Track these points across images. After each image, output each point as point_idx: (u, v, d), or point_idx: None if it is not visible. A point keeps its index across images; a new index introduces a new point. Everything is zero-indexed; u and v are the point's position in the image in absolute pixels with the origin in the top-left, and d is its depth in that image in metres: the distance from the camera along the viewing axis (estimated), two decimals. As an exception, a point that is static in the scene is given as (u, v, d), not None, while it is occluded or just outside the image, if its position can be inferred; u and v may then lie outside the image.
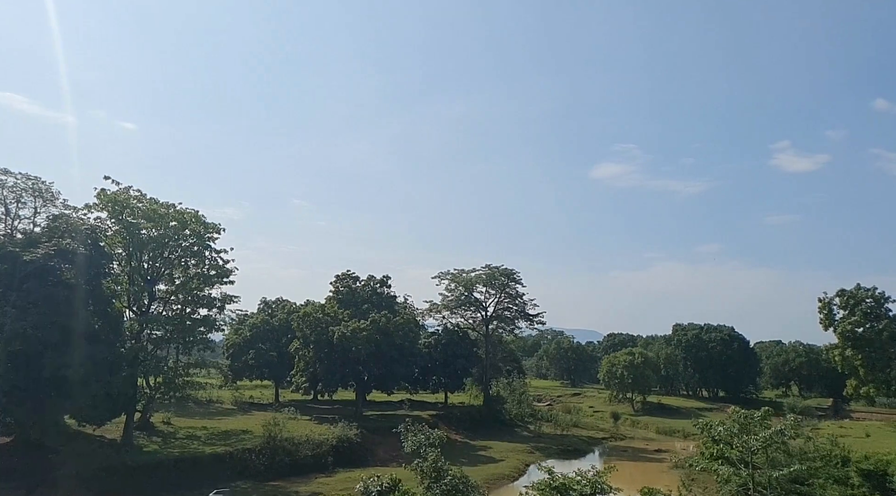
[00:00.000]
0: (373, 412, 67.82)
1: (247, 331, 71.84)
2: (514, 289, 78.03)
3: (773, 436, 23.55)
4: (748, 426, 24.12)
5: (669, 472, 51.41)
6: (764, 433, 23.26)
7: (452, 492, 23.26)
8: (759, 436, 23.16)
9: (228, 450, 43.90)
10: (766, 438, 23.16)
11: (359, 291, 65.51)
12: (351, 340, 57.50)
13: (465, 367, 73.09)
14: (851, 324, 60.63)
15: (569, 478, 24.71)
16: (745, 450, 23.13)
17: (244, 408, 65.92)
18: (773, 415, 26.78)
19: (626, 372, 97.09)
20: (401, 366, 62.55)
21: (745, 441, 23.19)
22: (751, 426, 24.01)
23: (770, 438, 23.29)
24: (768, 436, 23.23)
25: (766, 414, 25.58)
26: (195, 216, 45.65)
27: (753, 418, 24.69)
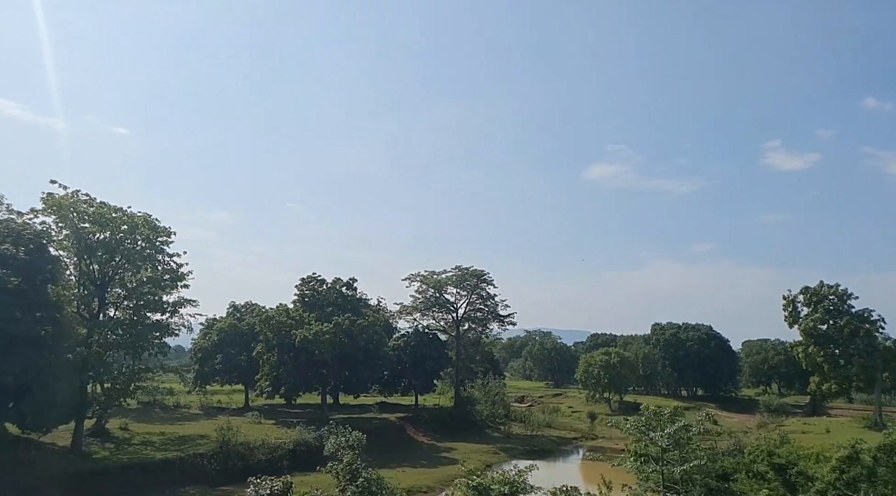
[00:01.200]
0: (342, 415, 67.66)
1: (215, 335, 71.42)
2: (485, 290, 77.94)
3: (678, 431, 23.66)
4: (654, 423, 24.24)
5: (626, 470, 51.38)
6: (669, 429, 23.35)
7: (364, 493, 23.18)
8: (664, 433, 23.26)
9: (179, 456, 43.55)
10: (671, 435, 23.25)
11: (324, 294, 65.23)
12: (313, 343, 57.25)
13: (435, 369, 72.94)
14: (814, 320, 60.88)
15: (488, 478, 24.65)
16: (654, 446, 23.27)
17: (210, 413, 65.47)
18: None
19: (602, 372, 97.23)
20: (366, 368, 62.35)
21: (652, 438, 23.35)
22: (660, 423, 24.09)
23: (675, 434, 23.40)
24: (672, 432, 23.33)
25: (676, 410, 25.63)
26: (146, 220, 45.31)
27: (662, 415, 24.79)
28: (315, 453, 52.47)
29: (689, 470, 22.90)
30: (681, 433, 23.92)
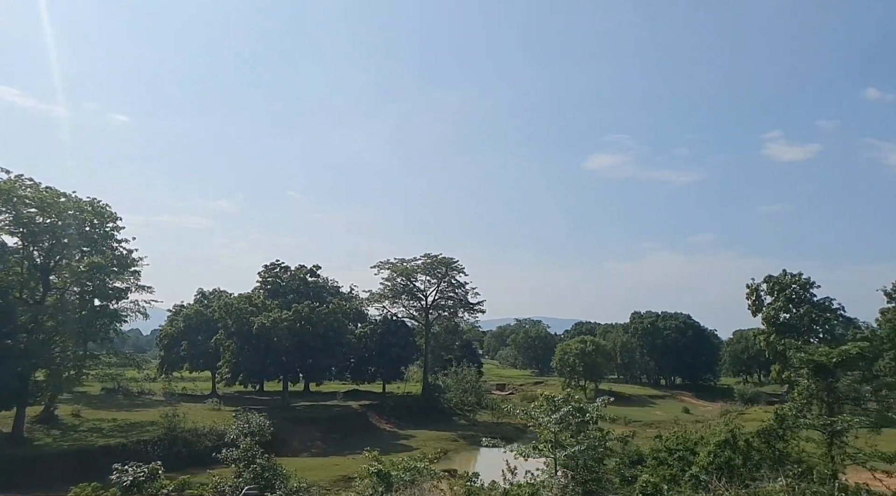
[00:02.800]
0: (306, 403, 67.83)
1: (181, 322, 71.32)
2: (455, 278, 77.69)
3: (566, 415, 23.55)
4: (549, 408, 24.11)
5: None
6: (556, 414, 23.25)
7: (257, 479, 23.14)
8: (553, 417, 23.17)
9: (122, 442, 43.41)
10: (559, 419, 23.16)
11: (286, 281, 64.99)
12: (272, 330, 57.09)
13: (402, 356, 72.86)
14: (775, 309, 60.69)
15: (389, 465, 24.61)
16: (548, 430, 23.21)
17: (173, 400, 65.47)
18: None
19: (577, 360, 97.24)
20: (327, 355, 62.22)
21: (542, 422, 23.26)
22: (553, 408, 23.98)
23: (563, 418, 23.32)
24: (560, 416, 23.23)
25: (568, 395, 25.51)
26: (93, 205, 44.97)
27: (556, 399, 24.68)
28: (268, 441, 52.83)
29: (574, 454, 22.80)
30: (569, 418, 23.77)
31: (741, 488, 16.49)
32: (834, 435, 18.88)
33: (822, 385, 19.94)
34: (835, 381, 20.18)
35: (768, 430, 19.56)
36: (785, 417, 19.82)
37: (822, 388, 20.02)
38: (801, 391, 20.64)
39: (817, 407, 20.45)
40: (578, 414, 24.30)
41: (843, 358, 19.78)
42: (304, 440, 54.90)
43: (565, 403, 24.16)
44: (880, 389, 20.36)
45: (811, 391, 20.25)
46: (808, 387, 20.41)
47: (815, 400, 20.24)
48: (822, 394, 20.14)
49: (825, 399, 20.30)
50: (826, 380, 19.93)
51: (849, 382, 20.68)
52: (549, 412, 23.93)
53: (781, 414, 20.04)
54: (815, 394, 20.18)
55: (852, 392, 20.86)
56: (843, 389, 20.43)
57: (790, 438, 19.54)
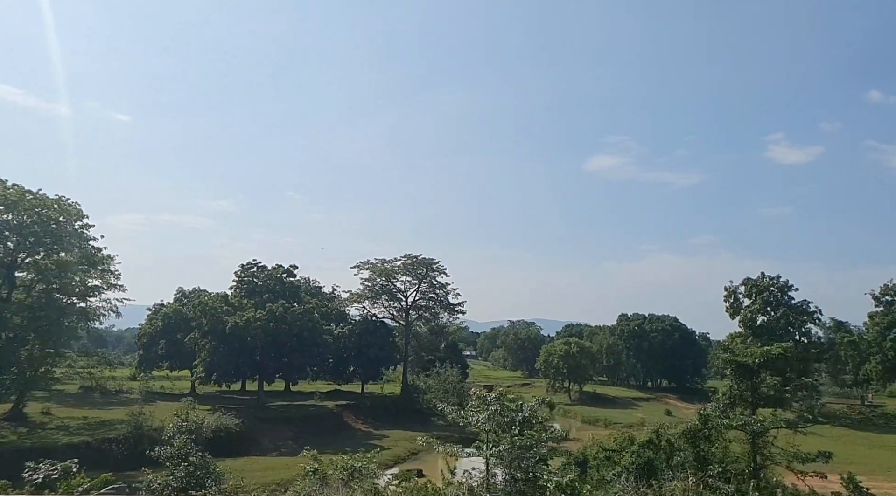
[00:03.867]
0: (282, 402, 67.76)
1: (160, 321, 71.27)
2: (435, 278, 77.62)
3: (494, 414, 23.47)
4: (481, 407, 24.04)
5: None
6: (484, 413, 23.19)
7: (188, 477, 23.08)
8: (481, 416, 23.11)
9: (86, 440, 43.37)
10: (486, 418, 23.11)
11: (262, 281, 64.93)
12: (245, 330, 57.02)
13: (380, 357, 72.74)
14: (752, 311, 60.57)
15: (327, 463, 24.58)
16: (478, 428, 23.15)
17: (149, 399, 65.44)
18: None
19: (561, 361, 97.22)
20: (302, 355, 62.13)
21: (472, 421, 23.19)
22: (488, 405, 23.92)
23: (491, 417, 23.25)
24: (487, 416, 23.17)
25: (500, 394, 25.42)
26: (59, 202, 44.96)
27: (488, 398, 24.63)
28: (237, 439, 52.75)
29: (498, 453, 22.74)
30: (498, 417, 23.69)
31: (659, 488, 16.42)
32: (755, 435, 18.82)
33: (746, 385, 19.91)
34: (759, 382, 20.15)
35: (693, 431, 19.49)
36: (708, 417, 19.78)
37: (745, 388, 19.98)
38: (726, 391, 20.60)
39: (741, 407, 20.38)
40: (510, 413, 24.15)
41: (765, 359, 19.72)
42: (275, 439, 54.84)
43: (497, 402, 24.11)
44: (799, 390, 20.16)
45: (734, 391, 20.22)
46: (731, 387, 20.37)
47: (739, 400, 20.21)
48: (745, 394, 20.11)
49: (749, 399, 20.26)
50: (750, 381, 19.89)
51: (773, 383, 20.63)
52: (480, 411, 23.88)
53: (705, 414, 20.01)
54: (738, 394, 20.12)
55: (774, 392, 20.79)
56: (766, 390, 20.38)
57: (715, 439, 19.49)
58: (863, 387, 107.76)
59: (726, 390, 20.52)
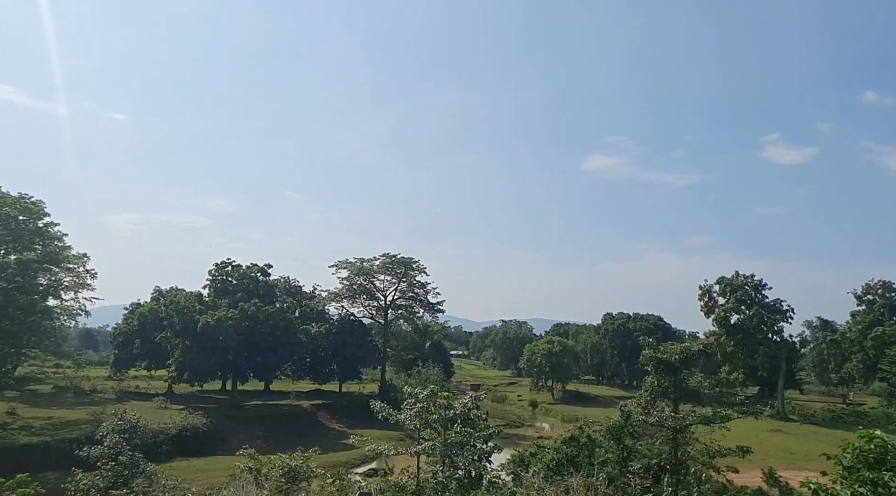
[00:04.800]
0: (258, 402, 67.54)
1: (135, 320, 70.98)
2: (414, 277, 77.47)
3: (418, 413, 23.47)
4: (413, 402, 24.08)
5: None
6: (413, 409, 23.24)
7: (117, 476, 22.94)
8: (408, 413, 23.12)
9: (46, 441, 43.12)
10: (413, 415, 23.13)
11: (236, 280, 64.70)
12: (216, 329, 56.79)
13: (357, 356, 72.52)
14: (725, 310, 60.58)
15: (268, 462, 24.65)
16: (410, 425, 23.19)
17: (123, 399, 65.22)
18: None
19: (544, 360, 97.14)
20: (275, 355, 61.90)
21: (403, 419, 23.25)
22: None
23: (418, 414, 23.30)
24: (415, 413, 23.19)
25: (433, 392, 25.44)
26: (20, 201, 44.69)
27: (419, 395, 24.79)
28: (204, 438, 52.55)
29: (426, 449, 22.81)
30: (424, 414, 23.68)
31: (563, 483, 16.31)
32: (677, 431, 18.72)
33: (669, 381, 19.83)
34: (681, 379, 20.07)
35: (616, 427, 19.42)
36: (630, 414, 19.69)
37: (668, 385, 19.90)
38: (647, 388, 20.54)
39: (664, 403, 20.30)
40: (439, 410, 24.08)
41: (685, 355, 19.63)
42: (244, 439, 54.23)
43: (425, 400, 24.05)
44: (717, 386, 20.11)
45: (655, 388, 20.13)
46: (652, 383, 20.30)
47: (660, 397, 20.14)
48: (667, 391, 20.03)
49: (670, 396, 20.18)
50: (672, 378, 19.81)
51: (697, 380, 20.56)
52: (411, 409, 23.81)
53: (626, 411, 19.92)
54: (659, 390, 20.04)
55: (694, 389, 20.71)
56: (686, 386, 20.29)
57: (640, 434, 19.40)
58: (849, 386, 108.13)
59: (648, 387, 20.50)
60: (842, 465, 12.58)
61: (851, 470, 12.57)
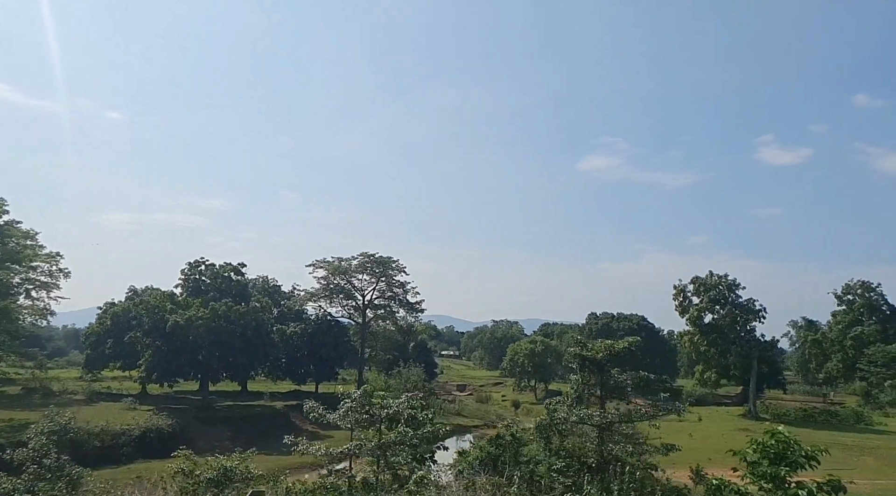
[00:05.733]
0: (230, 402, 67.01)
1: (108, 320, 70.33)
2: (392, 277, 77.10)
3: (347, 412, 23.28)
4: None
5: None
6: (347, 405, 23.22)
7: (38, 479, 22.47)
8: (338, 413, 22.97)
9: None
10: (341, 415, 23.00)
11: (208, 279, 64.18)
12: (187, 329, 56.26)
13: (332, 356, 72.05)
14: (698, 310, 60.47)
15: (202, 464, 24.21)
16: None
17: (93, 400, 64.60)
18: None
19: (526, 360, 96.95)
20: (248, 355, 61.39)
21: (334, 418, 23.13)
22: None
23: (345, 415, 23.13)
24: (342, 413, 23.03)
25: (365, 391, 25.24)
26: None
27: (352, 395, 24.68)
28: (169, 439, 51.91)
29: (350, 449, 22.54)
30: (355, 414, 23.47)
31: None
32: (602, 429, 18.47)
33: (596, 380, 19.59)
34: (608, 377, 19.83)
35: (544, 425, 19.15)
36: (555, 412, 19.43)
37: (594, 383, 19.66)
38: (574, 386, 20.29)
39: (590, 402, 20.06)
40: (374, 409, 23.82)
41: (610, 353, 19.39)
42: (211, 440, 53.94)
43: (359, 399, 23.81)
44: (639, 384, 19.92)
45: (581, 386, 19.89)
46: (578, 382, 20.06)
47: (586, 395, 19.90)
48: (594, 389, 19.78)
49: (597, 394, 19.94)
50: (599, 376, 19.57)
51: (623, 378, 20.33)
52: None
53: (552, 409, 19.68)
54: (585, 389, 19.80)
55: (618, 387, 20.48)
56: (611, 385, 20.06)
57: (567, 433, 19.15)
58: (833, 385, 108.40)
59: (574, 385, 20.25)
60: (746, 461, 12.40)
61: (755, 465, 12.40)
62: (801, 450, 12.10)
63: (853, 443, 44.69)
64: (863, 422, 56.43)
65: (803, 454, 12.09)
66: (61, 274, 73.06)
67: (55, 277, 72.24)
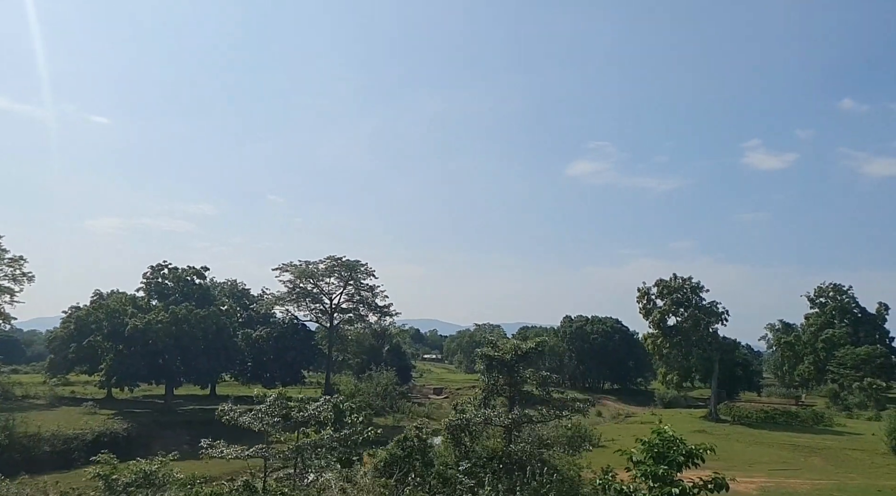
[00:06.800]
0: (193, 406, 66.40)
1: (72, 324, 69.46)
2: (360, 281, 76.87)
3: (257, 415, 23.27)
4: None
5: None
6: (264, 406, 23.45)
7: None
8: (247, 416, 23.01)
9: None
10: (250, 419, 23.02)
11: (171, 282, 63.65)
12: (146, 332, 55.73)
13: (298, 360, 71.69)
14: (661, 312, 60.78)
15: (123, 468, 24.06)
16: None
17: (55, 404, 63.77)
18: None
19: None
20: (209, 358, 60.89)
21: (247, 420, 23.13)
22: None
23: (255, 417, 23.18)
24: (251, 416, 23.03)
25: (279, 394, 25.28)
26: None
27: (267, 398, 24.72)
28: (124, 444, 51.40)
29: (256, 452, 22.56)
30: (264, 417, 23.53)
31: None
32: (510, 429, 18.47)
33: (505, 379, 19.60)
34: (517, 377, 19.85)
35: (453, 426, 19.12)
36: (464, 411, 19.42)
37: (504, 384, 19.67)
38: (481, 386, 20.28)
39: (499, 401, 20.08)
40: (287, 411, 23.88)
41: (517, 353, 19.42)
42: (168, 444, 53.32)
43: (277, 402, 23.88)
44: (543, 384, 19.96)
45: (489, 386, 19.89)
46: (486, 382, 20.06)
47: (494, 395, 19.91)
48: (503, 388, 19.79)
49: (506, 394, 19.96)
50: (509, 376, 19.58)
51: (531, 378, 20.36)
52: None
53: (460, 409, 19.67)
54: (493, 389, 19.80)
55: (526, 387, 20.51)
56: (518, 384, 20.09)
57: (477, 433, 19.13)
58: (808, 387, 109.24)
59: (481, 385, 20.24)
60: (632, 461, 12.46)
61: (639, 464, 12.48)
62: (682, 448, 12.20)
63: (805, 444, 45.04)
64: (822, 424, 56.91)
65: (683, 453, 12.19)
66: (25, 278, 72.17)
67: (19, 281, 71.31)
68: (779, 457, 41.37)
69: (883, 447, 42.94)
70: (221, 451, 23.64)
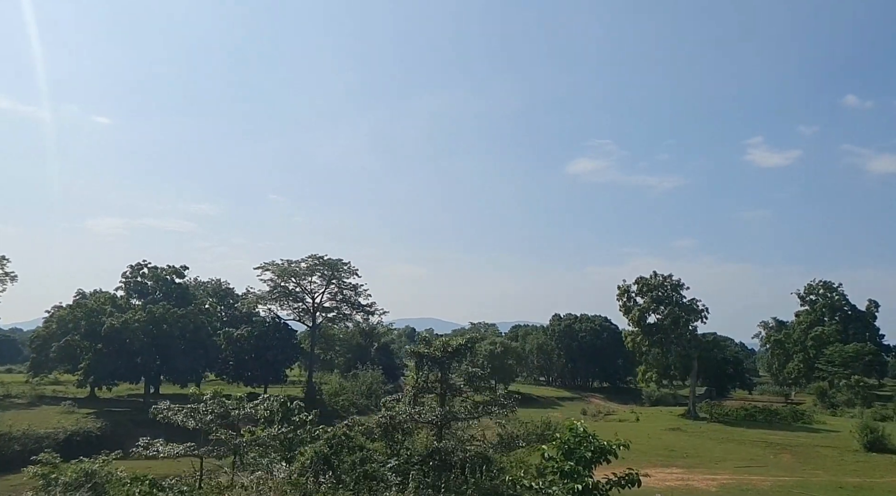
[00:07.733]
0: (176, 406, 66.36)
1: (54, 323, 69.46)
2: (343, 280, 76.74)
3: (190, 413, 23.34)
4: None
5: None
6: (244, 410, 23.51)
7: None
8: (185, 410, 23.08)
9: None
10: (183, 416, 22.97)
11: (150, 281, 63.58)
12: (123, 332, 55.67)
13: (279, 359, 71.59)
14: (641, 310, 60.64)
15: (66, 468, 24.03)
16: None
17: (35, 403, 63.75)
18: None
19: (485, 361, 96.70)
20: (188, 357, 60.81)
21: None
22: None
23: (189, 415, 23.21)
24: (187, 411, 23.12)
25: (217, 391, 25.25)
26: None
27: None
28: (98, 442, 51.33)
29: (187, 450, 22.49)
30: (199, 416, 23.47)
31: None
32: (440, 426, 18.35)
33: (436, 377, 19.51)
34: (448, 374, 19.75)
35: (383, 423, 19.03)
36: (393, 409, 19.31)
37: (435, 380, 19.57)
38: (410, 383, 20.21)
39: (432, 398, 19.98)
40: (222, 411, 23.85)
41: (446, 350, 19.32)
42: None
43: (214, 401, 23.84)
44: (472, 381, 19.86)
45: (419, 383, 19.80)
46: (417, 379, 19.97)
47: (424, 392, 19.80)
48: (433, 386, 19.70)
49: (437, 391, 19.85)
50: (440, 373, 19.48)
51: (464, 375, 20.26)
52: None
53: (389, 406, 19.56)
54: (423, 386, 19.70)
55: (457, 383, 20.40)
56: (450, 382, 19.99)
57: (411, 430, 19.03)
58: (799, 385, 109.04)
59: (411, 382, 20.18)
60: (544, 457, 12.38)
61: (550, 460, 12.43)
62: (591, 445, 12.12)
63: (777, 441, 44.90)
64: (801, 421, 56.76)
65: (591, 449, 12.11)
66: (7, 278, 72.13)
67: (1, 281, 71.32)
68: (748, 454, 41.25)
69: (855, 444, 42.82)
70: (157, 450, 23.49)
